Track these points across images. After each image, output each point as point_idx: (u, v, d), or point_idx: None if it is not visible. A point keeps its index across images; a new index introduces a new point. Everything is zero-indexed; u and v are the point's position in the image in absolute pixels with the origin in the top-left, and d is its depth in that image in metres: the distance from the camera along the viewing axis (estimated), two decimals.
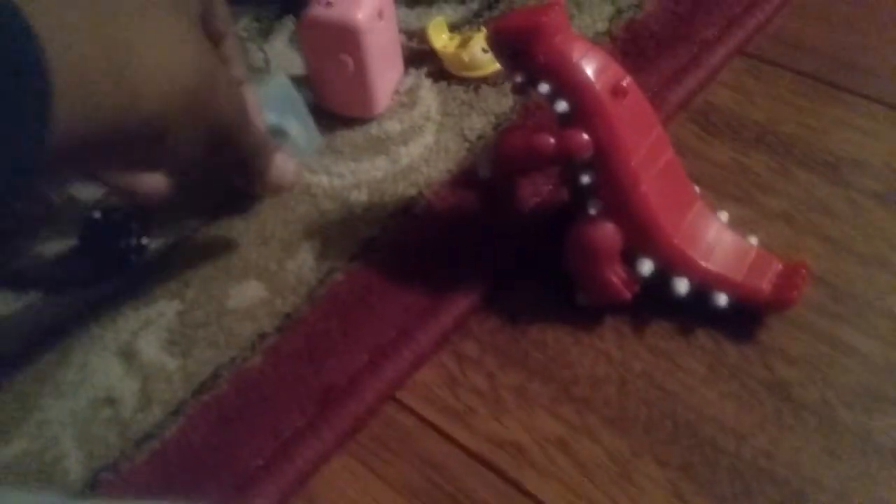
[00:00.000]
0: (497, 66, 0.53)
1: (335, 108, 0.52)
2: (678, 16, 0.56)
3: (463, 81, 0.53)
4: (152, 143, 0.32)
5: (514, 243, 0.45)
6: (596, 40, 0.54)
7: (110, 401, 0.41)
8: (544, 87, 0.38)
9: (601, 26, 0.56)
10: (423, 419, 0.40)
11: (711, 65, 0.53)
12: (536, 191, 0.47)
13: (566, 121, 0.39)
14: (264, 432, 0.39)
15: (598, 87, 0.38)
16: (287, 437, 0.39)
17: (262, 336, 0.43)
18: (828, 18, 0.56)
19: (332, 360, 0.41)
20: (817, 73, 0.52)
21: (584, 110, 0.38)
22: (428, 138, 0.51)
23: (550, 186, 0.47)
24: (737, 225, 0.42)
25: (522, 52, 0.38)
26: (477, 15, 0.58)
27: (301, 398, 0.40)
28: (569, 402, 0.39)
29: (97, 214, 0.46)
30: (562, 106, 0.38)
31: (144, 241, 0.46)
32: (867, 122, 0.49)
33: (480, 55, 0.53)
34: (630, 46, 0.54)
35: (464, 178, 0.48)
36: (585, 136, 0.38)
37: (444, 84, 0.54)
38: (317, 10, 0.48)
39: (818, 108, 0.50)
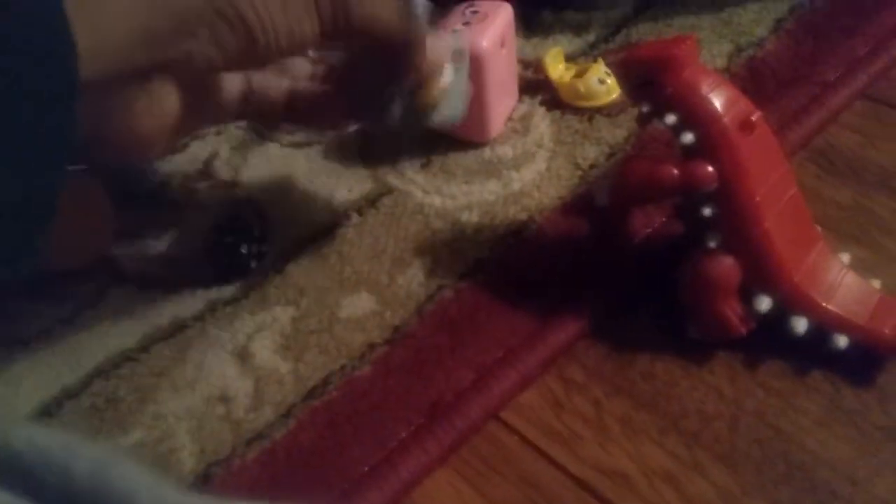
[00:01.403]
0: (612, 97, 0.53)
1: (450, 131, 0.53)
2: (799, 56, 0.55)
3: (577, 111, 0.54)
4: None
5: (624, 272, 0.45)
6: None
7: (224, 399, 0.43)
8: (671, 118, 0.39)
9: (720, 62, 0.55)
10: (526, 440, 0.40)
11: (832, 106, 0.52)
12: (649, 222, 0.47)
13: (691, 153, 0.39)
14: (371, 440, 0.40)
15: (725, 119, 0.38)
16: (392, 446, 0.40)
17: (372, 346, 0.44)
18: None
19: (439, 374, 0.42)
20: None
21: (710, 143, 0.38)
22: (540, 164, 0.51)
23: (664, 219, 0.46)
24: (859, 268, 0.41)
25: (651, 82, 0.38)
26: (592, 46, 0.59)
27: (408, 410, 0.41)
28: (677, 435, 0.39)
29: (222, 220, 0.48)
30: (688, 137, 0.38)
31: (265, 248, 0.48)
32: None
33: (596, 86, 0.53)
34: (749, 84, 0.54)
35: (576, 205, 0.49)
36: (710, 169, 0.38)
37: (557, 113, 0.54)
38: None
39: None
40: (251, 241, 0.47)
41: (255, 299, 0.47)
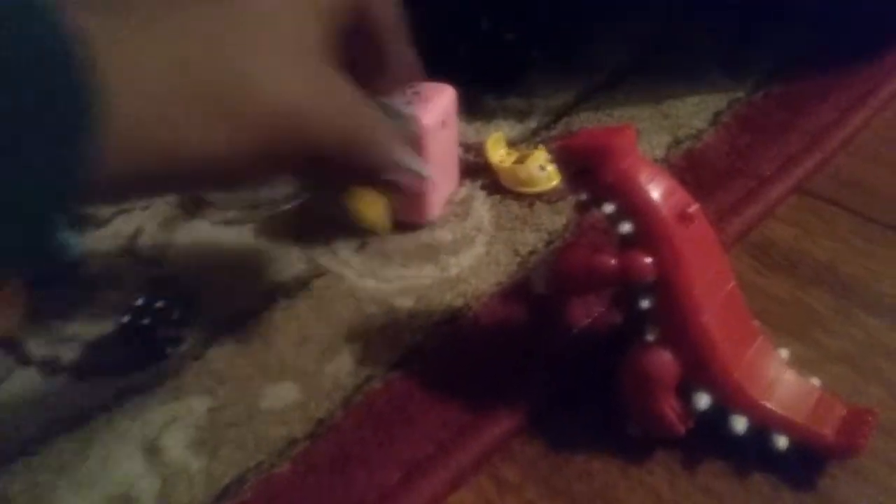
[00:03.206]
0: (552, 183, 0.53)
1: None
2: (736, 149, 0.56)
3: (517, 197, 0.53)
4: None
5: (562, 364, 0.43)
6: None
7: (128, 499, 0.39)
8: (609, 207, 0.38)
9: (659, 153, 0.56)
10: None
11: (769, 200, 0.52)
12: (588, 311, 0.45)
13: (629, 243, 0.38)
14: None
15: (664, 211, 0.37)
16: None
17: (293, 441, 0.41)
18: (886, 162, 0.55)
19: (363, 472, 0.39)
20: (879, 217, 0.51)
21: (648, 233, 0.37)
22: (479, 249, 0.50)
23: (603, 308, 0.45)
24: (797, 364, 0.40)
25: (589, 170, 0.38)
26: (534, 133, 0.59)
27: None
28: None
29: (140, 300, 0.45)
30: (626, 227, 0.37)
31: (184, 332, 0.45)
32: None
33: (537, 172, 0.53)
34: (687, 175, 0.54)
35: (514, 292, 0.47)
36: (649, 260, 0.37)
37: (498, 198, 0.54)
38: None
39: (881, 251, 0.49)
40: (169, 324, 0.44)
41: (169, 388, 0.44)
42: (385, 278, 0.49)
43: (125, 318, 0.44)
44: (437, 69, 0.52)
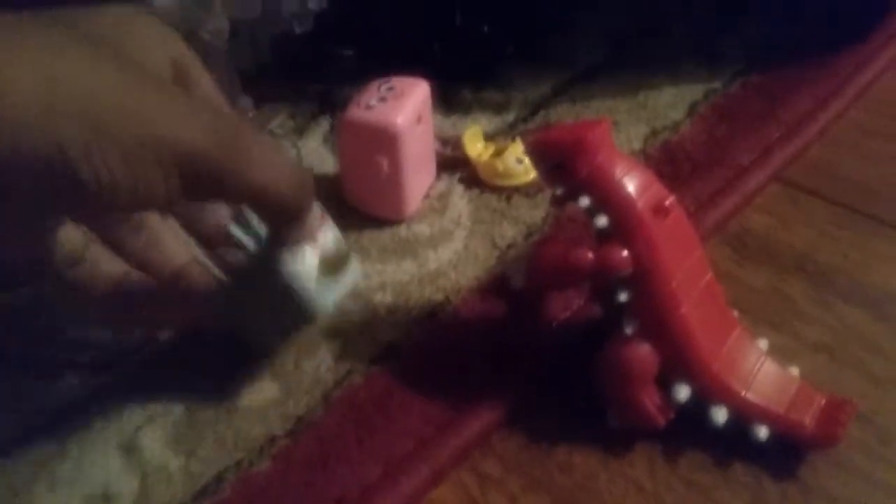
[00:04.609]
0: (530, 176, 0.53)
1: (365, 208, 0.52)
2: (714, 139, 0.56)
3: (495, 190, 0.53)
4: None
5: (542, 358, 0.43)
6: None
7: (106, 498, 0.39)
8: (585, 201, 0.38)
9: (636, 145, 0.56)
10: None
11: (747, 190, 0.52)
12: (567, 305, 0.45)
13: (605, 236, 0.38)
14: None
15: (640, 204, 0.37)
16: None
17: (273, 439, 0.40)
18: (862, 151, 0.56)
19: (344, 468, 0.39)
20: (855, 205, 0.51)
21: (624, 227, 0.37)
22: (457, 244, 0.50)
23: (581, 302, 0.45)
24: (776, 354, 0.40)
25: (565, 165, 0.38)
26: (512, 126, 0.59)
27: None
28: None
29: None
30: (602, 221, 0.37)
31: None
32: None
33: (514, 165, 0.52)
34: (664, 167, 0.54)
35: (493, 286, 0.47)
36: (625, 253, 0.37)
37: (476, 191, 0.53)
38: (356, 112, 0.48)
39: (859, 240, 0.49)
40: None
41: (146, 386, 0.43)
42: (363, 274, 0.49)
43: None
44: (412, 63, 0.52)
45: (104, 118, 0.28)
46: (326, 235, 0.39)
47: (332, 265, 0.39)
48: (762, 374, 0.39)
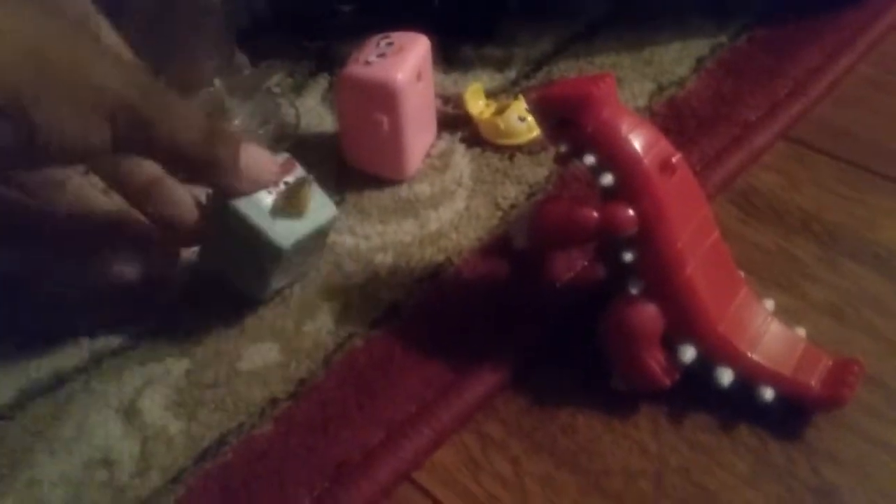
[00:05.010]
0: (533, 134, 0.52)
1: (365, 167, 0.51)
2: (720, 96, 0.55)
3: (497, 149, 0.52)
4: None
5: (545, 319, 0.43)
6: None
7: (107, 462, 0.38)
8: (590, 159, 0.37)
9: (641, 102, 0.54)
10: None
11: (754, 147, 0.51)
12: (571, 265, 0.45)
13: (610, 195, 0.37)
14: None
15: (646, 161, 0.36)
16: None
17: (274, 402, 0.40)
18: (872, 107, 0.55)
19: (346, 432, 0.39)
20: (863, 163, 0.50)
21: (630, 185, 0.36)
22: (459, 204, 0.49)
23: (585, 262, 0.45)
24: (783, 315, 0.40)
25: (569, 121, 0.37)
26: (514, 83, 0.57)
27: (311, 472, 0.37)
28: (600, 496, 0.36)
29: None
30: (607, 179, 0.36)
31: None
32: None
33: (517, 123, 0.51)
34: (670, 123, 0.53)
35: (495, 246, 0.46)
36: (631, 212, 0.36)
37: (477, 150, 0.52)
38: (355, 69, 0.47)
39: (866, 198, 0.48)
40: None
41: (145, 349, 0.43)
42: (364, 235, 0.48)
43: None
44: (412, 18, 0.51)
45: (50, 68, 0.30)
46: (289, 179, 0.41)
47: (294, 204, 0.40)
48: (769, 335, 0.38)
